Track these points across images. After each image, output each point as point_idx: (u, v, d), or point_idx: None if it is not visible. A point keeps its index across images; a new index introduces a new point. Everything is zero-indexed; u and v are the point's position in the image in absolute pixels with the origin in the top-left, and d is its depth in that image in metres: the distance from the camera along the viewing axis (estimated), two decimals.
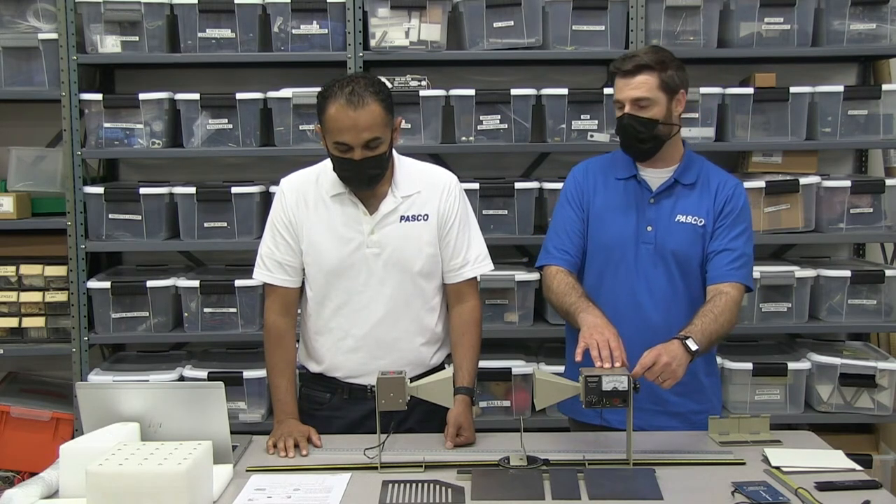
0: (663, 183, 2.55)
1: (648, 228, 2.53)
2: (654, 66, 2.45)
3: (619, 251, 2.54)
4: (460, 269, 2.51)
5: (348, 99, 2.26)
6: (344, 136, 2.27)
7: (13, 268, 3.68)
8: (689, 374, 2.45)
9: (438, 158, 3.93)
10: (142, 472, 1.79)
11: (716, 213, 2.53)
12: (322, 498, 1.99)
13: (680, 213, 2.53)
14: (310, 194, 2.45)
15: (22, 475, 3.56)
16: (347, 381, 2.49)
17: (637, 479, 2.07)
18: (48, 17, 3.63)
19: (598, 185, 2.61)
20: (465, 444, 2.34)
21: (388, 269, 2.42)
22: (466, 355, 2.49)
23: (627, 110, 2.47)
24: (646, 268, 2.52)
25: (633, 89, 2.46)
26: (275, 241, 2.47)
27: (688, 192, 2.55)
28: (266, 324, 2.52)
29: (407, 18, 3.59)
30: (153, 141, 3.63)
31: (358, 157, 2.29)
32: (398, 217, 2.43)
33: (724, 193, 2.54)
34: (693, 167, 2.57)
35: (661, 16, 3.56)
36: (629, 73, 2.45)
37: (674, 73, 2.48)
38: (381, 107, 2.30)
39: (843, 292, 3.58)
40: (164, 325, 3.62)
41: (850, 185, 3.59)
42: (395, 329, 2.45)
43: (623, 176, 2.59)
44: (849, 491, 2.01)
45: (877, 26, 3.61)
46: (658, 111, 2.46)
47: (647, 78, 2.45)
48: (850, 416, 3.58)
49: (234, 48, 3.59)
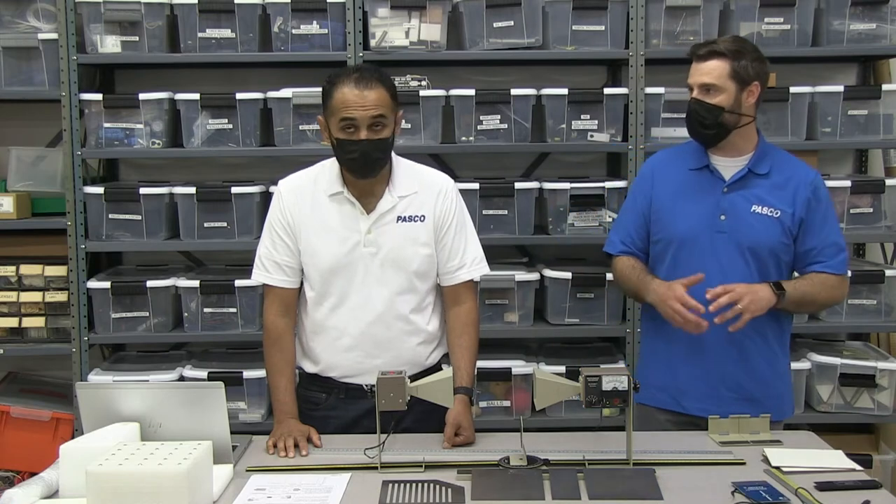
0: (737, 173, 2.55)
1: (722, 217, 2.52)
2: (728, 55, 2.47)
3: (692, 241, 2.55)
4: (457, 271, 2.51)
5: (357, 81, 2.31)
6: (351, 111, 2.30)
7: (13, 268, 3.68)
8: (768, 360, 2.56)
9: (438, 158, 3.94)
10: (142, 472, 1.79)
11: (797, 206, 2.52)
12: (322, 498, 1.99)
13: (756, 204, 2.53)
14: (307, 195, 2.46)
15: (22, 475, 3.56)
16: (343, 381, 2.50)
17: (637, 479, 2.07)
18: (48, 17, 3.63)
19: (669, 176, 2.63)
20: (464, 443, 2.34)
21: (385, 269, 2.43)
22: (464, 356, 2.49)
23: (695, 95, 2.50)
24: (721, 258, 2.52)
25: (702, 75, 2.49)
26: (273, 242, 2.48)
27: (763, 181, 2.54)
28: (265, 324, 2.53)
29: (407, 18, 3.59)
30: (153, 141, 3.63)
31: (363, 136, 2.30)
32: (395, 217, 2.44)
33: (805, 186, 2.54)
34: (767, 157, 2.57)
35: (661, 16, 3.56)
36: (702, 57, 2.49)
37: (748, 63, 2.49)
38: (388, 93, 2.34)
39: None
40: (164, 325, 3.62)
41: (850, 185, 3.59)
42: (391, 328, 2.45)
43: (695, 166, 2.60)
44: (849, 491, 2.01)
45: (877, 26, 3.61)
46: (724, 99, 2.48)
47: (719, 64, 2.47)
48: (850, 416, 3.58)
49: (234, 48, 3.59)
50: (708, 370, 2.54)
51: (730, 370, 2.54)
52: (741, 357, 2.54)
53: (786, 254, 2.55)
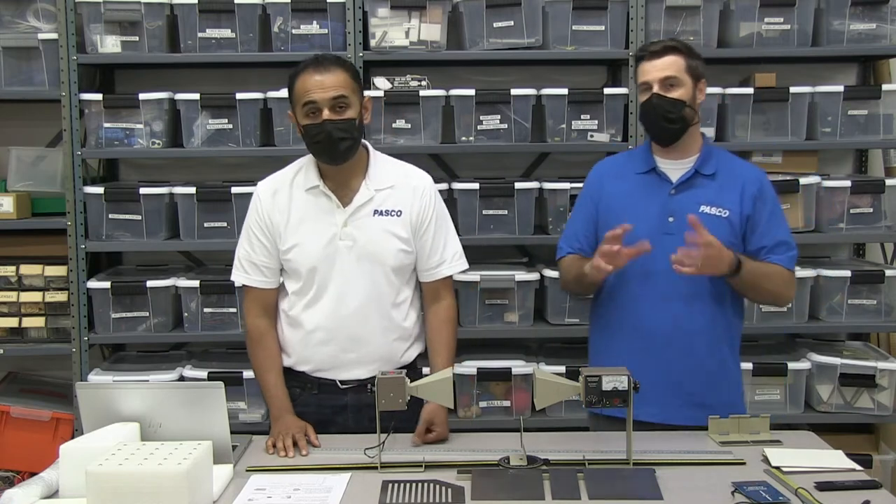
0: (684, 174, 2.55)
1: (670, 219, 2.52)
2: (682, 49, 2.50)
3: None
4: (437, 267, 2.52)
5: (314, 65, 2.36)
6: (311, 94, 2.33)
7: (13, 268, 3.68)
8: (718, 362, 2.51)
9: (438, 158, 3.94)
10: (142, 472, 1.79)
11: (744, 204, 2.52)
12: (322, 498, 1.99)
13: (704, 204, 2.52)
14: (284, 194, 2.47)
15: (22, 475, 3.56)
16: (316, 376, 2.50)
17: (637, 479, 2.07)
18: (48, 17, 3.62)
19: (616, 181, 2.62)
20: (436, 440, 2.35)
21: (361, 263, 2.43)
22: (442, 352, 2.51)
23: (656, 90, 2.49)
24: (670, 259, 2.48)
25: (661, 69, 2.48)
26: (251, 243, 2.49)
27: (710, 182, 2.55)
28: (247, 326, 2.54)
29: (407, 18, 3.59)
30: (153, 141, 3.63)
31: (325, 116, 2.33)
32: (371, 210, 2.45)
33: (751, 184, 2.54)
34: (712, 158, 2.57)
35: (661, 16, 3.56)
36: (657, 54, 2.49)
37: (697, 62, 2.52)
38: (348, 74, 2.38)
39: (843, 292, 3.58)
40: (164, 325, 3.62)
41: (850, 185, 3.59)
42: (366, 323, 2.45)
43: (642, 170, 2.59)
44: (849, 491, 2.01)
45: (877, 26, 3.61)
46: (685, 93, 2.49)
47: (676, 59, 2.48)
48: (850, 416, 3.58)
49: (234, 48, 3.59)
50: (658, 375, 2.47)
51: (680, 375, 2.48)
52: (692, 360, 2.50)
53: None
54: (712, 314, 2.52)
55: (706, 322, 2.51)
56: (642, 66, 2.53)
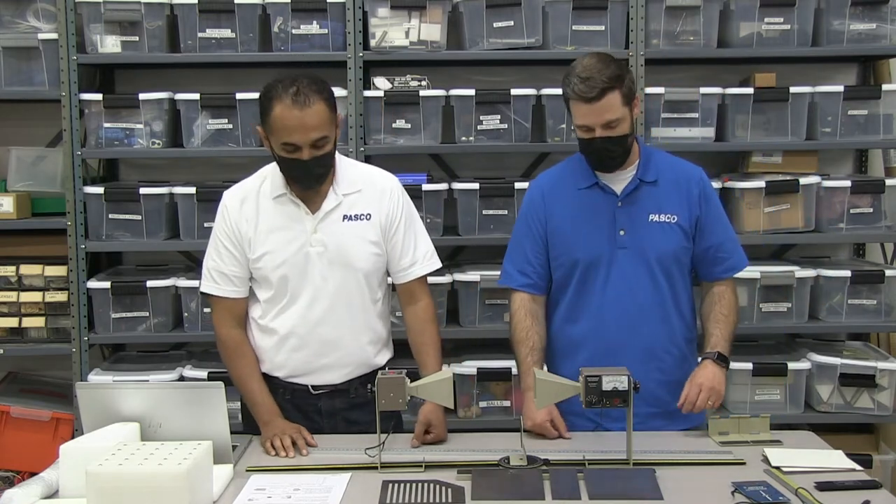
0: (628, 185, 2.51)
1: (621, 232, 2.49)
2: (615, 84, 2.38)
3: (596, 262, 2.49)
4: (410, 267, 2.51)
5: (294, 99, 2.27)
6: (292, 136, 2.28)
7: (13, 268, 3.68)
8: (685, 373, 2.48)
9: (438, 158, 3.94)
10: (142, 472, 1.79)
11: (692, 206, 2.51)
12: (322, 498, 1.99)
13: (652, 213, 2.50)
14: (251, 203, 2.45)
15: (22, 475, 3.56)
16: (289, 381, 2.49)
17: (637, 479, 2.07)
18: (48, 17, 3.62)
19: (559, 199, 2.56)
20: (434, 441, 2.35)
21: (332, 268, 2.43)
22: (430, 353, 2.50)
23: (599, 134, 2.41)
24: (627, 274, 2.48)
25: (602, 113, 2.38)
26: (219, 253, 2.47)
27: (654, 189, 2.52)
28: (220, 337, 2.51)
29: (407, 18, 3.59)
30: (153, 141, 3.63)
31: (306, 156, 2.30)
32: (340, 216, 2.44)
33: (695, 185, 2.53)
34: (652, 164, 2.54)
35: (661, 16, 3.56)
36: (595, 98, 2.36)
37: (628, 82, 2.44)
38: (326, 105, 2.31)
39: (843, 292, 3.58)
40: (164, 325, 3.62)
41: (850, 185, 3.59)
42: (339, 327, 2.45)
43: (584, 185, 2.54)
44: (849, 491, 2.01)
45: (877, 26, 3.61)
46: (626, 125, 2.43)
47: (613, 97, 2.38)
48: (850, 416, 3.58)
49: (234, 48, 3.59)
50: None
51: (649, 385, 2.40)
52: (659, 372, 2.50)
53: (687, 257, 2.54)
54: (670, 323, 2.52)
55: (665, 330, 2.51)
56: (578, 107, 2.41)
